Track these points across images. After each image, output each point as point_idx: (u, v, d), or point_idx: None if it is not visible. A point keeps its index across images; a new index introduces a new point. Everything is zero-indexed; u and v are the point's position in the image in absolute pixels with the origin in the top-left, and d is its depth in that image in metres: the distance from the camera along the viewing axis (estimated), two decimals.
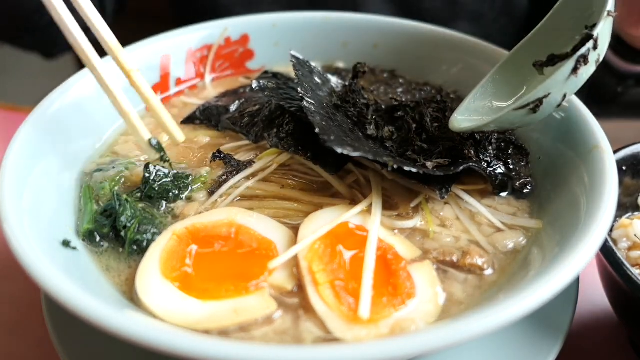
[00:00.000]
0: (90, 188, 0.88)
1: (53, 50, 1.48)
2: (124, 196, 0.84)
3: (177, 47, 1.10)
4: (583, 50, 0.78)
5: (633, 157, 0.94)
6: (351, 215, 0.80)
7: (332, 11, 1.17)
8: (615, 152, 0.88)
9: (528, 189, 0.88)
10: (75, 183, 0.89)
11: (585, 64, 0.78)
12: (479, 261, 0.78)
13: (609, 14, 0.79)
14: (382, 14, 1.20)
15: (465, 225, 0.83)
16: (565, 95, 0.80)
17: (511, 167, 0.89)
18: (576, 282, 0.84)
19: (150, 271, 0.74)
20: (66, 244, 0.77)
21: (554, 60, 0.84)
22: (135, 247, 0.79)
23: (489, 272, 0.78)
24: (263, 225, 0.80)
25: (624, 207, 0.95)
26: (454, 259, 0.78)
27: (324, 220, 0.79)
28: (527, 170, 0.90)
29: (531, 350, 0.79)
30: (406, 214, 0.84)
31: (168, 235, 0.78)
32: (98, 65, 0.87)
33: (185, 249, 0.77)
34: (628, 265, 0.78)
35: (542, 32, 0.91)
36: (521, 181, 0.88)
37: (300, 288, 0.74)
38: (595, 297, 0.94)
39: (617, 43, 1.11)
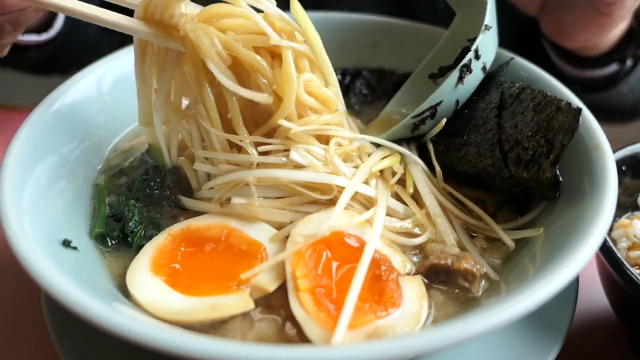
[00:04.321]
0: (103, 190, 0.89)
1: (47, 70, 1.50)
2: (132, 201, 0.86)
3: None
4: (465, 61, 0.88)
5: (633, 157, 0.94)
6: (349, 225, 0.78)
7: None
8: (615, 152, 0.88)
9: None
10: (76, 182, 0.89)
11: (470, 72, 0.88)
12: (474, 267, 0.77)
13: (486, 28, 0.89)
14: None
15: (461, 236, 0.83)
16: (457, 102, 0.90)
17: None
18: (576, 282, 0.84)
19: (141, 265, 0.77)
20: (66, 244, 0.77)
21: (443, 71, 0.94)
22: (139, 249, 0.81)
23: (484, 275, 0.79)
24: (254, 229, 0.80)
25: (624, 207, 0.95)
26: (449, 262, 0.77)
27: (317, 226, 0.78)
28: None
29: (531, 350, 0.79)
30: (420, 226, 0.84)
31: (164, 235, 0.80)
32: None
33: (177, 248, 0.79)
34: (628, 265, 0.78)
35: (445, 47, 1.02)
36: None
37: (283, 290, 0.74)
38: (595, 297, 0.94)
39: (565, 51, 1.16)
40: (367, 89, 1.11)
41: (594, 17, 1.01)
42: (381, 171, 0.87)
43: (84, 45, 1.38)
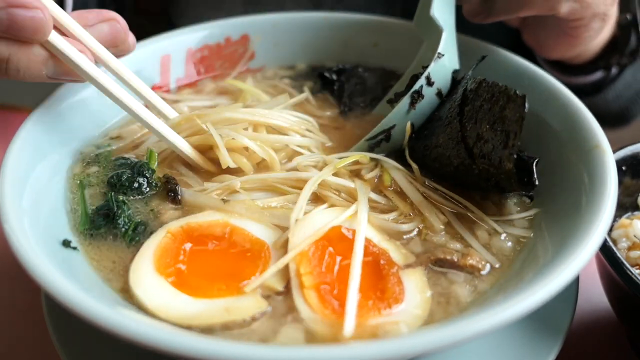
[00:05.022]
0: (82, 182, 0.88)
1: None
2: (121, 197, 0.85)
3: (177, 47, 1.10)
4: (416, 87, 0.90)
5: (633, 157, 0.94)
6: (343, 219, 0.79)
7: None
8: (615, 152, 0.88)
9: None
10: (75, 183, 0.89)
11: (422, 98, 0.91)
12: (480, 263, 0.77)
13: (438, 56, 0.92)
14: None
15: (462, 232, 0.83)
16: (413, 125, 0.92)
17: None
18: (576, 282, 0.84)
19: (144, 266, 0.75)
20: (66, 243, 0.77)
21: (397, 97, 0.96)
22: (132, 248, 0.79)
23: (488, 272, 0.78)
24: (256, 227, 0.80)
25: (624, 207, 0.95)
26: (455, 258, 0.78)
27: (317, 223, 0.78)
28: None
29: (531, 350, 0.79)
30: (407, 216, 0.84)
31: (162, 234, 0.79)
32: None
33: (179, 246, 0.77)
34: (628, 265, 0.78)
35: (413, 70, 1.01)
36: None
37: (289, 288, 0.74)
38: (595, 297, 0.94)
39: (556, 62, 1.20)
40: (362, 87, 1.11)
41: (563, 37, 1.04)
42: (356, 173, 0.89)
43: None
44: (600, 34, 1.07)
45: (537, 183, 0.82)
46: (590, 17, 0.98)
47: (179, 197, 0.85)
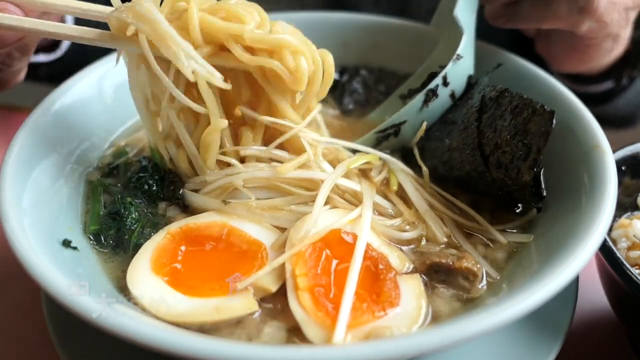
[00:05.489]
0: (97, 187, 0.89)
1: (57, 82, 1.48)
2: (128, 199, 0.85)
3: None
4: (431, 86, 0.90)
5: (633, 157, 0.94)
6: (343, 223, 0.79)
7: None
8: (615, 152, 0.88)
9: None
10: (76, 183, 0.89)
11: (436, 97, 0.91)
12: (475, 266, 0.77)
13: (457, 57, 0.92)
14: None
15: (462, 242, 0.83)
16: (424, 123, 0.88)
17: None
18: (575, 282, 0.84)
19: (142, 266, 0.76)
20: (66, 244, 0.78)
21: (411, 93, 0.96)
22: (136, 248, 0.80)
23: (484, 275, 0.78)
24: (254, 228, 0.80)
25: (624, 207, 0.95)
26: (450, 261, 0.77)
27: (318, 224, 0.78)
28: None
29: (531, 350, 0.79)
30: (410, 224, 0.84)
31: (162, 234, 0.80)
32: None
33: (177, 247, 0.78)
34: (627, 265, 0.78)
35: (425, 71, 1.01)
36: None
37: (284, 290, 0.74)
38: (595, 297, 0.94)
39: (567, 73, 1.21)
40: (362, 88, 1.11)
41: (573, 53, 1.05)
42: (364, 173, 0.88)
43: (91, 62, 1.37)
44: (609, 55, 1.08)
45: (544, 194, 0.82)
46: (604, 36, 0.99)
47: (182, 200, 0.86)
